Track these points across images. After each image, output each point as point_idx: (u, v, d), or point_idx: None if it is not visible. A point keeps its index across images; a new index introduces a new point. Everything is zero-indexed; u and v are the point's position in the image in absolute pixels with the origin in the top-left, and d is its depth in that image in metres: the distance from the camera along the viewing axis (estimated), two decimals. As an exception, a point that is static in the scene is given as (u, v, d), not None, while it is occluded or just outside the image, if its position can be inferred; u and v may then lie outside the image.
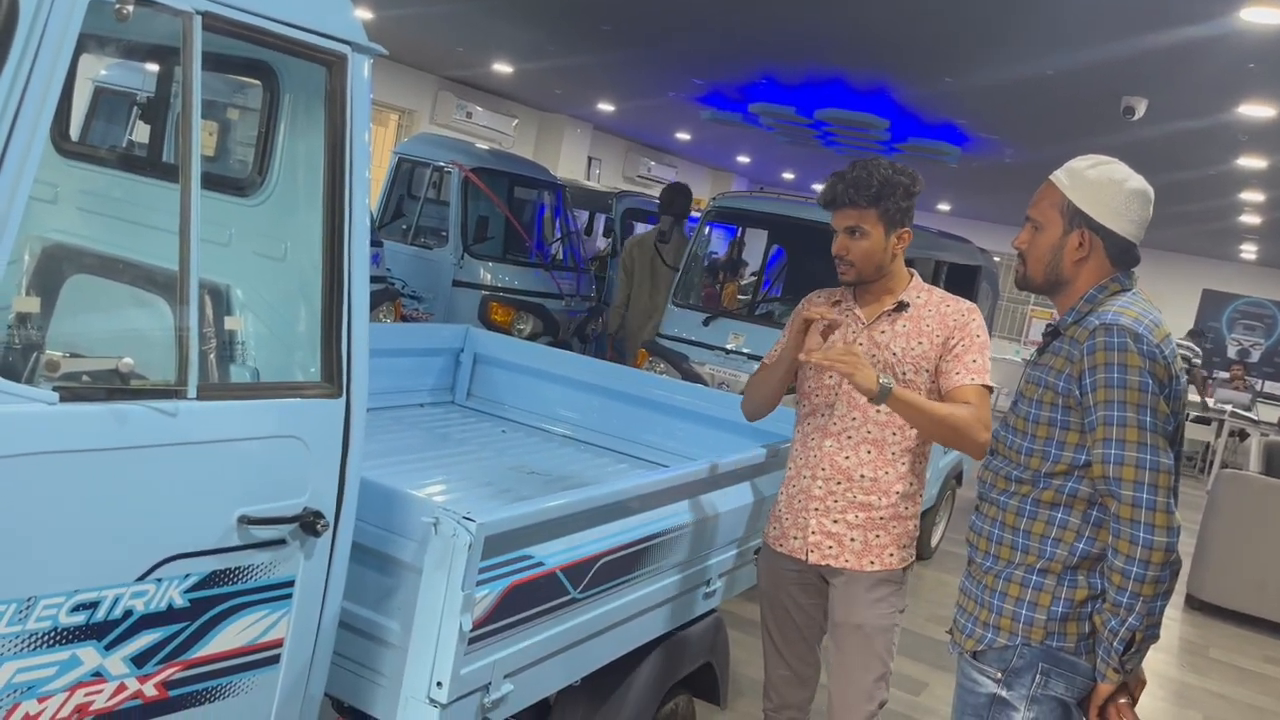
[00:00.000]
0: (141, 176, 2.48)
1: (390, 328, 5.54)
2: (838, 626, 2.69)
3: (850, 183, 2.63)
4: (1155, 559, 1.93)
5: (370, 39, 2.00)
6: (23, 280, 2.17)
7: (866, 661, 2.65)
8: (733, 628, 3.39)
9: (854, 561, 2.65)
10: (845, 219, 2.65)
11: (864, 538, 2.64)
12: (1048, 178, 2.18)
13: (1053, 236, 2.14)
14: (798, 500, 2.72)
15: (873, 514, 2.65)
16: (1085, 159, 2.15)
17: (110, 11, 1.55)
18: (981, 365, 2.62)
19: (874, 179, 2.62)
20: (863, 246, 2.65)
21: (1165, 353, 2.00)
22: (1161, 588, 1.95)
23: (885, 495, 2.65)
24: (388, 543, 2.11)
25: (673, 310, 6.38)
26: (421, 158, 8.14)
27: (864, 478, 2.64)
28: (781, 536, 2.75)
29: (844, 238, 2.66)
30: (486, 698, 2.09)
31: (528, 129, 14.97)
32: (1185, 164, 9.29)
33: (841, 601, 2.68)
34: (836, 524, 2.66)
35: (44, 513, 1.58)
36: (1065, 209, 2.11)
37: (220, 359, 2.08)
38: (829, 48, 7.69)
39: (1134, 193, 2.10)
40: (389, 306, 6.90)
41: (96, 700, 1.71)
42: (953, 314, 2.67)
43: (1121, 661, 1.98)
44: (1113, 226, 2.09)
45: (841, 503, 2.66)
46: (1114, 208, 2.09)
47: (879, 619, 2.65)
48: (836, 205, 2.66)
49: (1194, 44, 5.68)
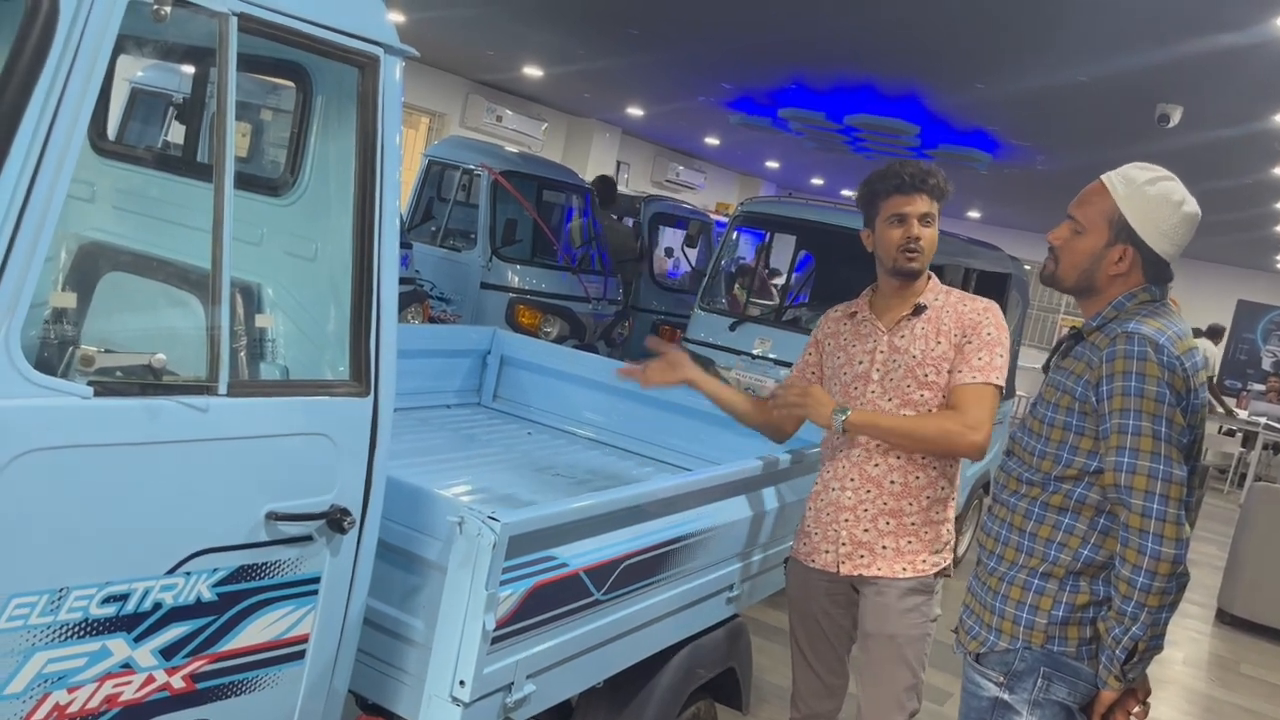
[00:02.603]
0: (176, 176, 2.51)
1: (418, 329, 5.57)
2: (869, 636, 2.67)
3: (924, 171, 2.62)
4: (1162, 570, 1.91)
5: (402, 41, 2.02)
6: (59, 276, 2.21)
7: (898, 671, 2.63)
8: (755, 634, 3.38)
9: (886, 569, 2.63)
10: (920, 205, 2.62)
11: (896, 544, 2.63)
12: (1100, 178, 2.12)
13: (1094, 244, 2.10)
14: (826, 513, 2.71)
15: (904, 520, 2.63)
16: (1144, 170, 2.08)
17: (148, 13, 1.58)
18: (987, 363, 2.59)
19: (935, 172, 2.64)
20: (931, 235, 2.65)
21: (1186, 365, 1.97)
22: (1167, 599, 1.93)
23: (916, 500, 2.64)
24: (413, 541, 2.13)
25: (699, 314, 6.38)
26: (451, 160, 8.18)
27: (894, 484, 2.63)
28: (812, 551, 2.73)
29: (917, 224, 2.63)
30: (509, 697, 2.09)
31: (557, 132, 15.02)
32: (1220, 173, 9.18)
33: (873, 612, 2.65)
34: (867, 532, 2.64)
35: (77, 505, 1.60)
36: (1114, 220, 2.07)
37: (251, 356, 2.11)
38: (859, 53, 7.66)
39: (1187, 217, 2.06)
40: (417, 308, 6.94)
41: (125, 691, 1.73)
42: (969, 312, 2.65)
43: (1123, 670, 1.97)
44: (1156, 247, 2.06)
45: (872, 510, 2.64)
46: (1163, 229, 2.05)
47: (911, 629, 2.63)
48: (911, 190, 2.61)
49: (1230, 52, 5.62)
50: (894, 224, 2.64)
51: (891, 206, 2.64)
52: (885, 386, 2.65)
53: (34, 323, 1.81)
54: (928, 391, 2.62)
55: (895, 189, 2.63)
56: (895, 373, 2.65)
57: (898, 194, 2.63)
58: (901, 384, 2.64)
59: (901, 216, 2.63)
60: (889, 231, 2.65)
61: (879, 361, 2.68)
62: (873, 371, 2.68)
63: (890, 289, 2.72)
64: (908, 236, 2.63)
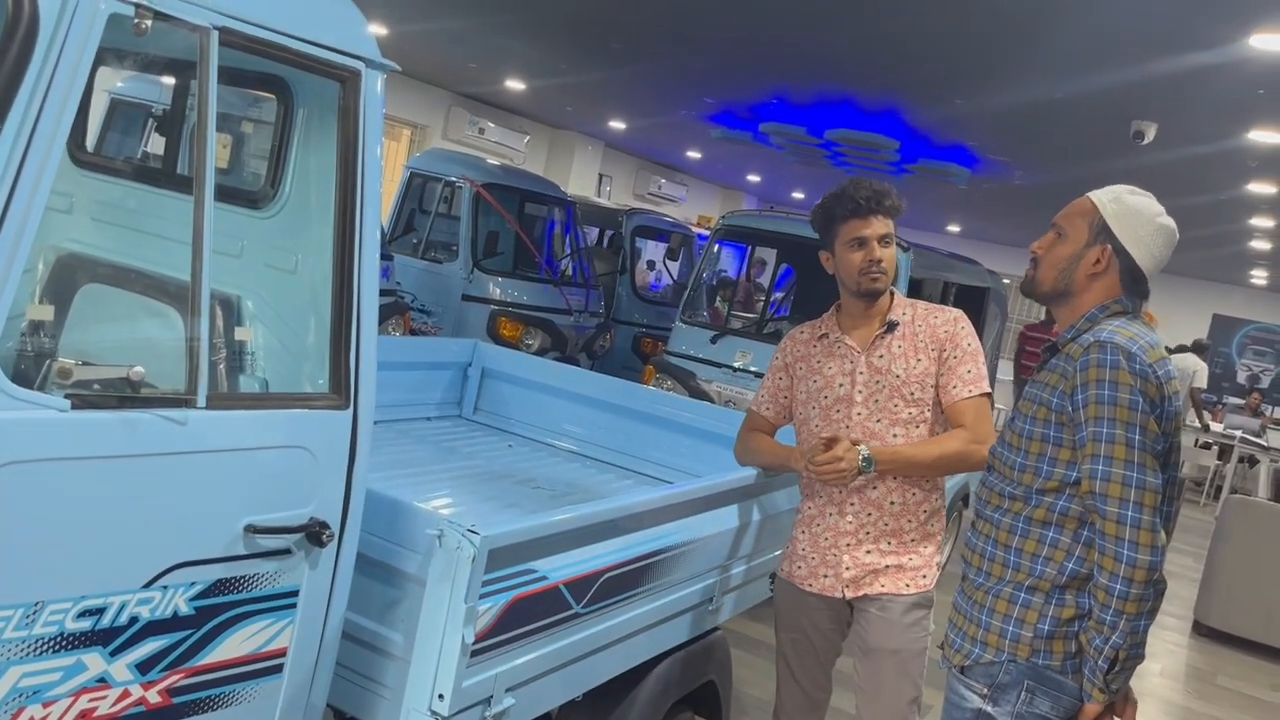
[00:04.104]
0: (156, 188, 2.50)
1: (399, 341, 5.57)
2: (872, 652, 2.66)
3: (878, 192, 2.64)
4: (1138, 577, 1.93)
5: (384, 55, 2.03)
6: (37, 288, 2.20)
7: (901, 685, 2.64)
8: (735, 646, 3.38)
9: (890, 585, 2.64)
10: (878, 227, 2.64)
11: (898, 562, 2.64)
12: (1087, 194, 2.20)
13: (1074, 246, 2.16)
14: (824, 538, 2.70)
15: (904, 538, 2.65)
16: (1128, 187, 2.18)
17: (129, 26, 1.58)
18: (976, 374, 2.63)
19: (890, 192, 2.65)
20: (891, 254, 2.67)
21: (1159, 373, 2.00)
22: (1145, 606, 1.95)
23: (914, 517, 2.65)
24: (392, 554, 2.12)
25: (681, 327, 6.39)
26: (433, 172, 8.19)
27: (893, 504, 2.64)
28: (809, 576, 2.72)
29: (877, 246, 2.64)
30: (488, 711, 2.09)
31: (539, 145, 15.04)
32: (1195, 189, 9.29)
33: (877, 627, 2.65)
34: (870, 554, 2.65)
35: (53, 518, 1.59)
36: (1094, 223, 2.14)
37: (230, 369, 2.10)
38: (840, 68, 7.72)
39: (1162, 228, 2.13)
40: (398, 320, 6.93)
41: (100, 706, 1.72)
42: (942, 325, 2.67)
43: (1106, 680, 1.98)
44: (1133, 253, 2.11)
45: (874, 533, 2.65)
46: (1140, 235, 2.11)
47: (914, 643, 2.64)
48: (867, 213, 2.63)
49: (1204, 69, 5.69)
50: (853, 247, 2.66)
51: (850, 230, 2.65)
52: (871, 408, 2.66)
53: (11, 335, 1.80)
54: (914, 409, 2.64)
55: (851, 213, 2.64)
56: (880, 394, 2.65)
57: (854, 218, 2.64)
58: (888, 404, 2.65)
59: (861, 240, 2.65)
60: (849, 255, 2.66)
61: (860, 383, 2.67)
62: (855, 394, 2.67)
63: (857, 309, 2.73)
64: (869, 260, 2.64)
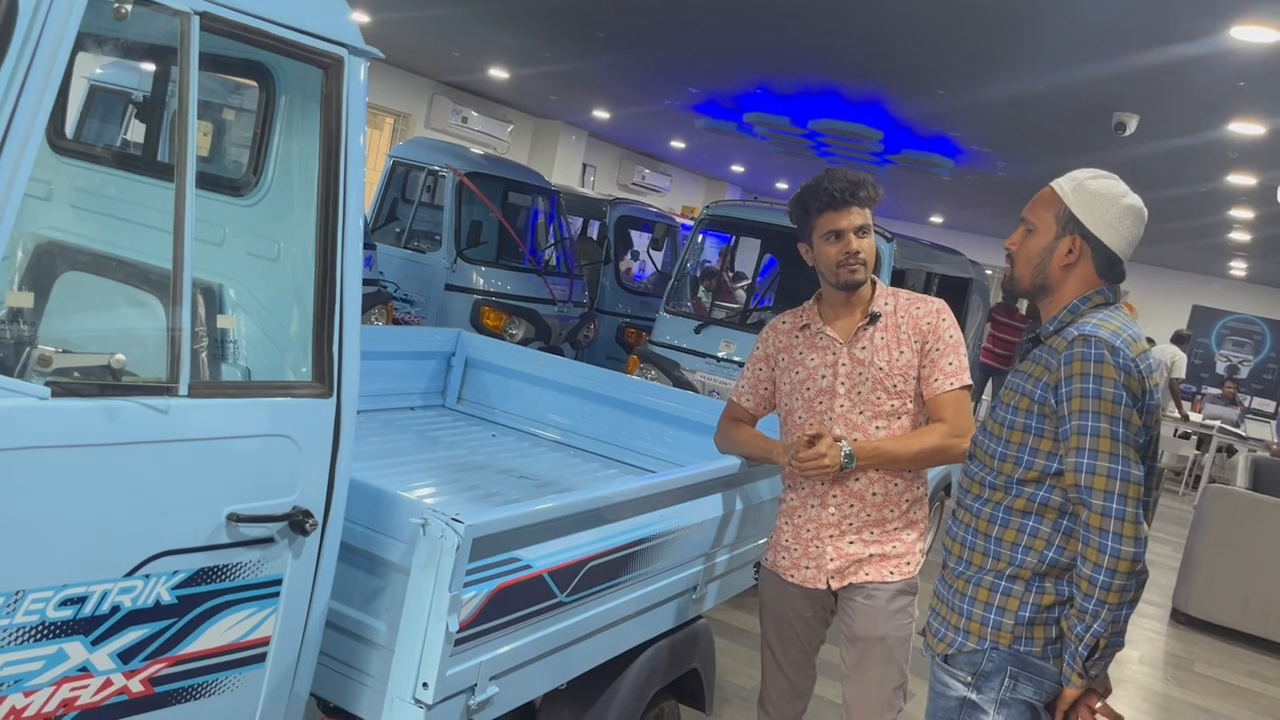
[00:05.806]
0: (136, 175, 2.49)
1: (382, 330, 5.54)
2: (859, 640, 2.68)
3: (852, 183, 2.63)
4: (1122, 568, 1.96)
5: (367, 42, 2.02)
6: (16, 276, 2.18)
7: (888, 672, 2.66)
8: (719, 634, 3.40)
9: (875, 574, 2.65)
10: (856, 218, 2.64)
11: (882, 550, 2.66)
12: (1050, 184, 2.21)
13: (1045, 240, 2.17)
14: (807, 530, 2.71)
15: (888, 527, 2.67)
16: (1088, 171, 2.18)
17: (109, 10, 1.56)
18: (957, 366, 2.64)
19: (865, 182, 2.65)
20: (870, 244, 2.67)
21: (1141, 367, 2.03)
22: (1127, 596, 1.98)
23: (896, 507, 2.67)
24: (376, 543, 2.12)
25: (664, 317, 6.40)
26: (416, 161, 8.15)
27: (875, 495, 2.65)
28: (792, 567, 2.74)
29: (854, 238, 2.64)
30: (472, 699, 2.09)
31: (523, 135, 14.99)
32: (1176, 180, 9.35)
33: (863, 615, 2.66)
34: (853, 544, 2.66)
35: (34, 507, 1.59)
36: (1060, 214, 2.15)
37: (212, 357, 2.09)
38: (824, 59, 7.73)
39: (1128, 209, 2.14)
40: (381, 309, 6.90)
41: (82, 695, 1.71)
42: (924, 316, 2.68)
43: (1085, 667, 2.02)
44: (1103, 238, 2.13)
45: (857, 523, 2.66)
46: (1108, 220, 2.12)
47: (899, 629, 2.66)
48: (842, 205, 2.63)
49: (1185, 61, 5.72)
50: (831, 240, 2.66)
51: (826, 223, 2.65)
52: (854, 400, 2.66)
53: (-10, 322, 1.79)
54: (897, 400, 2.65)
55: (827, 205, 2.64)
56: (863, 386, 2.66)
57: (830, 210, 2.64)
58: (870, 396, 2.65)
59: (838, 232, 2.65)
60: (827, 248, 2.67)
61: (843, 375, 2.68)
62: (838, 385, 2.68)
63: (838, 300, 2.73)
64: (846, 252, 2.64)
